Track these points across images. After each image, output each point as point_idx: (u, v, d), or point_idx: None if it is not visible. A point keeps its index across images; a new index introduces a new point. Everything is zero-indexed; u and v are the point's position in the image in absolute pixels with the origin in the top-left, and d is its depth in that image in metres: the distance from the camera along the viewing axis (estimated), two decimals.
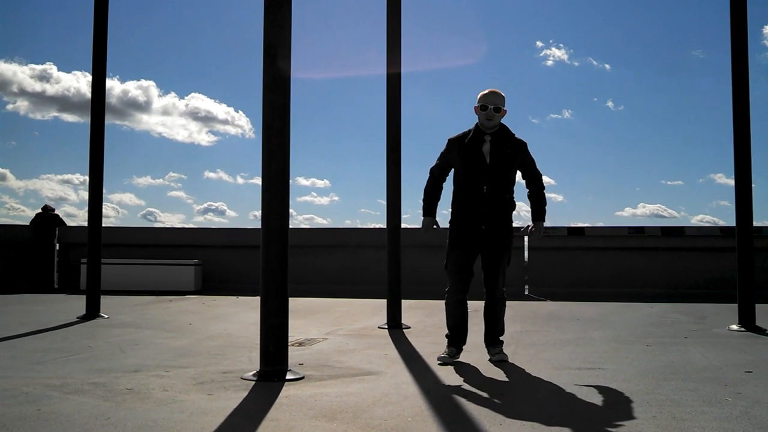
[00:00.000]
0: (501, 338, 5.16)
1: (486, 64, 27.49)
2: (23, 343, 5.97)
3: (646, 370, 4.65)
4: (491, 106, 5.00)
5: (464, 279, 5.03)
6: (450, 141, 5.15)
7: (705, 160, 30.58)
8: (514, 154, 5.02)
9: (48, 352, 5.40)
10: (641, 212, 27.59)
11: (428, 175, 5.28)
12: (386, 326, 7.18)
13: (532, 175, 5.16)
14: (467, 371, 4.64)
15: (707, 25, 29.58)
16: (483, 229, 4.98)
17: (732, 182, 7.16)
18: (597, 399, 3.75)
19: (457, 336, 5.10)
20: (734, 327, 6.89)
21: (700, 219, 29.44)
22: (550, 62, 30.60)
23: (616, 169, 31.74)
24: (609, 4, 31.15)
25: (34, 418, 3.28)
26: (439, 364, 4.89)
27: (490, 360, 5.02)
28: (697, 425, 3.17)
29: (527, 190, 5.22)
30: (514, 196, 5.14)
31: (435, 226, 5.28)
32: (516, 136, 5.09)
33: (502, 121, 5.08)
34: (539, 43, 30.81)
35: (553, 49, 30.73)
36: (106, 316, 8.07)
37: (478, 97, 5.08)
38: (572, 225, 13.22)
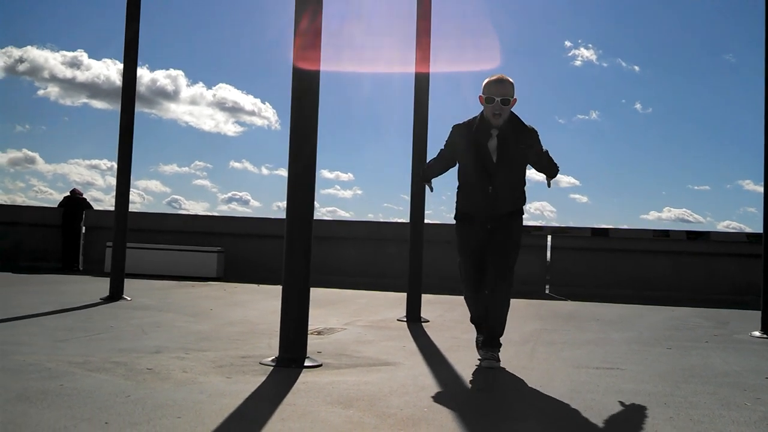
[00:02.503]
0: (499, 340, 4.64)
1: (514, 63, 27.33)
2: (48, 322, 6.07)
3: (665, 372, 4.62)
4: (498, 98, 4.45)
5: (478, 279, 4.64)
6: (455, 129, 4.69)
7: (733, 166, 30.20)
8: (526, 149, 4.55)
9: (72, 331, 5.49)
10: (666, 216, 27.35)
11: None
12: (405, 319, 7.20)
13: (541, 160, 4.62)
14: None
15: (739, 28, 29.17)
16: (489, 229, 4.57)
17: (760, 189, 7.07)
18: (614, 398, 3.73)
19: (483, 324, 4.72)
20: (757, 333, 6.81)
21: (726, 225, 29.18)
22: (578, 62, 30.40)
23: (643, 171, 31.49)
24: (639, 5, 30.82)
25: (56, 393, 3.35)
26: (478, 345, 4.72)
27: (480, 363, 4.60)
28: (714, 428, 3.15)
29: (536, 170, 4.74)
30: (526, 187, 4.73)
31: (428, 185, 5.11)
32: (526, 124, 4.59)
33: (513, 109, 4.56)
34: (568, 43, 30.62)
35: (582, 49, 30.53)
36: (129, 299, 8.18)
37: (483, 84, 4.54)
38: (596, 226, 13.14)
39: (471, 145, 4.57)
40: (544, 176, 4.73)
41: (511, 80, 4.53)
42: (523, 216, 4.71)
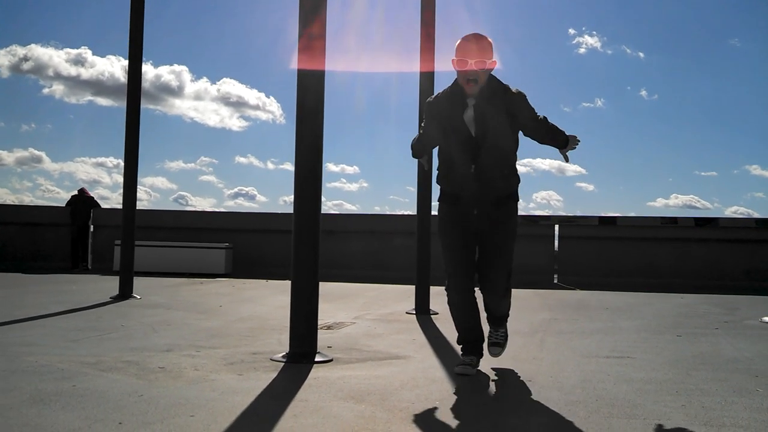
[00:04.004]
0: (505, 320, 4.24)
1: (518, 51, 27.25)
2: (58, 322, 6.10)
3: (675, 359, 4.61)
4: (471, 60, 3.72)
5: (464, 266, 3.92)
6: (428, 105, 4.01)
7: (740, 151, 30.11)
8: (510, 118, 3.84)
9: (82, 331, 5.52)
10: (674, 203, 27.29)
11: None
12: (414, 312, 7.21)
13: (538, 127, 3.97)
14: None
15: (745, 13, 28.98)
16: (475, 214, 3.92)
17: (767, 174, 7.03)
18: (625, 387, 3.73)
19: (471, 338, 4.05)
20: (766, 319, 6.80)
21: (734, 210, 29.07)
22: (582, 50, 30.30)
23: (649, 159, 31.41)
24: None
25: (69, 393, 3.36)
26: (458, 373, 3.97)
27: (487, 344, 4.21)
28: (726, 415, 3.15)
29: (537, 141, 4.05)
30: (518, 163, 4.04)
31: (425, 160, 4.47)
32: (510, 87, 3.88)
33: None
34: (572, 31, 30.46)
35: (586, 36, 30.44)
36: (139, 297, 8.21)
37: (456, 46, 3.81)
38: (603, 215, 13.12)
39: (443, 117, 3.90)
40: (558, 150, 4.09)
41: (489, 39, 3.82)
42: (518, 202, 4.05)
